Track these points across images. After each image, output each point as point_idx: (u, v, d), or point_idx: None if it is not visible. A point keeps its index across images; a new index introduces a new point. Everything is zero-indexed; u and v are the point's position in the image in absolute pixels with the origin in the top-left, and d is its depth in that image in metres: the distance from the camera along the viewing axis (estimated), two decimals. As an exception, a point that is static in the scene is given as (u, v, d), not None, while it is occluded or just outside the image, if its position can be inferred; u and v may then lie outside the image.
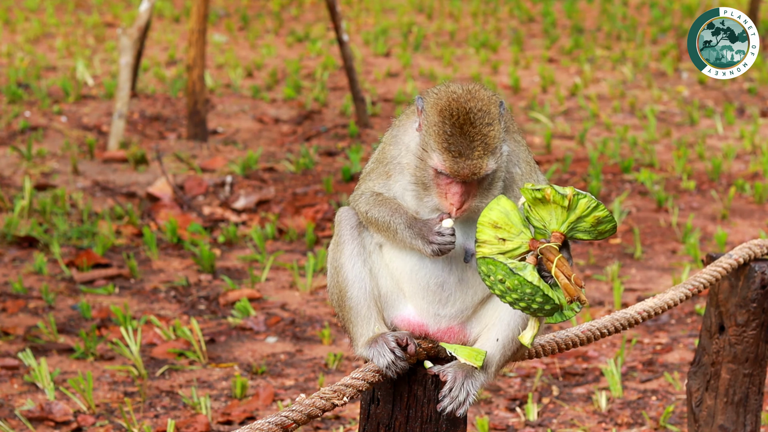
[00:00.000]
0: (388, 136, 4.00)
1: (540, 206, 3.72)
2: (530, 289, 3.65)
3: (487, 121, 3.76)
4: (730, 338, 5.20)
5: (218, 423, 6.80)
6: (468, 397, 3.84)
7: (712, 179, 11.38)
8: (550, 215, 3.72)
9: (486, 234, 3.72)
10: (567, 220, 3.72)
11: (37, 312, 8.27)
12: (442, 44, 17.57)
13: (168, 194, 10.62)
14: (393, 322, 3.99)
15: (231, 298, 8.54)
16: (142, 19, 12.55)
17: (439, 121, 3.76)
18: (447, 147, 3.74)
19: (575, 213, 3.71)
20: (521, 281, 3.65)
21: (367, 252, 3.97)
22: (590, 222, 3.72)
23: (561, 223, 3.72)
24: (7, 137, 12.36)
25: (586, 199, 3.69)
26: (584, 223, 3.73)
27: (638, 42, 17.81)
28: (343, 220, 4.01)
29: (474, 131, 3.74)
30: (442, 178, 3.78)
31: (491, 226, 3.72)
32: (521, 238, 3.73)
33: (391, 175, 3.94)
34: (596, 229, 3.73)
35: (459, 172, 3.74)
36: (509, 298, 3.69)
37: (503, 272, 3.66)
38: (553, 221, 3.72)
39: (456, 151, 3.73)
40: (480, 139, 3.74)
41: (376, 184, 3.96)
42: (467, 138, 3.74)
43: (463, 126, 3.74)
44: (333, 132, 12.92)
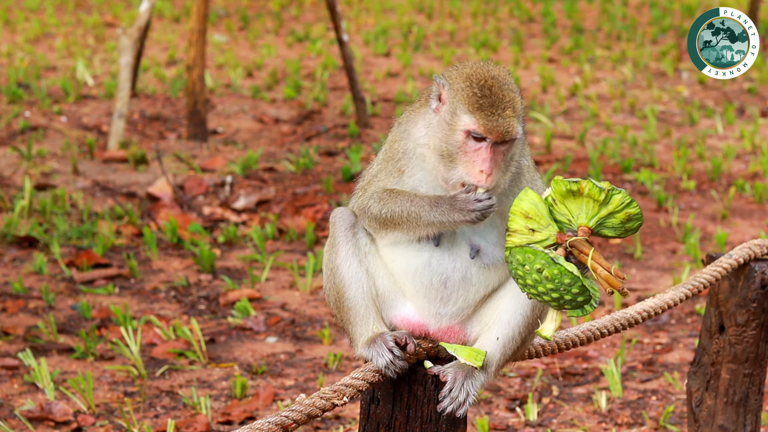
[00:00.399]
0: (396, 133, 3.98)
1: (570, 199, 3.70)
2: (569, 279, 3.64)
3: (511, 88, 3.82)
4: (730, 338, 5.20)
5: (218, 423, 6.81)
6: (468, 397, 3.84)
7: (712, 179, 11.38)
8: (579, 209, 3.70)
9: (517, 223, 3.71)
10: (597, 215, 3.69)
11: (37, 312, 8.27)
12: (442, 44, 17.57)
13: (168, 194, 10.62)
14: (392, 322, 3.98)
15: (231, 298, 8.54)
16: (142, 19, 12.55)
17: (467, 86, 3.80)
18: (479, 106, 3.76)
19: (607, 208, 3.69)
20: (562, 271, 3.63)
21: (363, 252, 3.96)
22: (620, 218, 3.70)
23: (591, 218, 3.70)
24: (7, 137, 12.36)
25: (620, 195, 3.68)
26: (614, 219, 3.71)
27: (638, 42, 17.81)
28: (337, 221, 4.00)
29: (502, 93, 3.79)
30: (471, 144, 3.77)
31: (522, 215, 3.70)
32: (549, 230, 3.71)
33: (404, 170, 3.92)
34: (624, 225, 3.72)
35: (493, 129, 3.74)
36: (541, 288, 3.66)
37: (543, 261, 3.63)
38: (582, 215, 3.70)
39: (488, 110, 3.76)
40: (508, 101, 3.78)
41: (387, 183, 3.93)
42: (497, 98, 3.78)
43: (492, 88, 3.79)
44: (333, 132, 12.92)
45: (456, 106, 3.80)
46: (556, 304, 3.70)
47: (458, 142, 3.79)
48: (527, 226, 3.70)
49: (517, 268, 3.68)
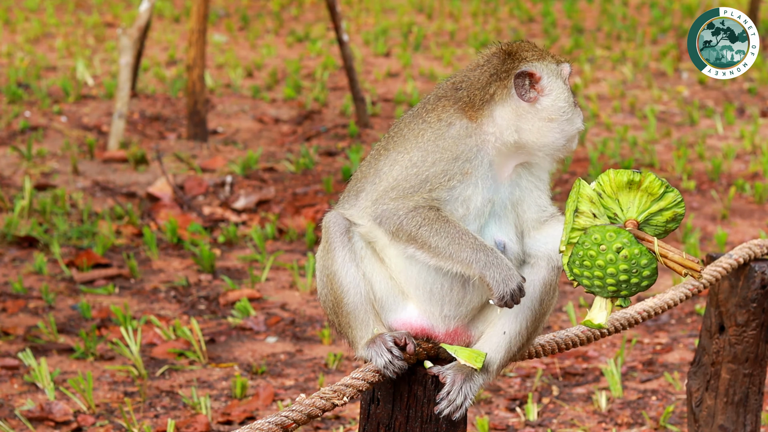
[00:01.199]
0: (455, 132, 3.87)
1: (624, 191, 3.70)
2: (646, 260, 3.62)
3: None
4: (730, 338, 5.20)
5: (218, 423, 6.80)
6: (465, 400, 3.83)
7: (712, 179, 11.38)
8: (630, 202, 3.70)
9: (585, 205, 3.71)
10: (648, 210, 3.70)
11: (37, 312, 8.27)
12: (442, 44, 17.57)
13: (168, 194, 10.62)
14: (392, 326, 3.95)
15: (231, 298, 8.54)
16: (142, 19, 12.55)
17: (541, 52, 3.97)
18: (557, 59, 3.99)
19: (659, 204, 3.69)
20: (642, 251, 3.61)
21: (359, 257, 3.92)
22: (667, 217, 3.70)
23: (641, 212, 3.70)
24: (7, 137, 12.36)
25: (673, 193, 3.69)
26: (660, 217, 3.71)
27: (638, 42, 17.81)
28: (331, 226, 3.94)
29: None
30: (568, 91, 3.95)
31: (588, 200, 3.71)
32: (603, 219, 3.71)
33: (470, 173, 3.85)
34: (666, 225, 3.72)
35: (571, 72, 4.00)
36: (611, 269, 3.62)
37: (626, 240, 3.62)
38: (633, 209, 3.70)
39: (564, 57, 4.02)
40: None
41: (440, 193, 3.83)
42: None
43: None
44: (333, 132, 12.92)
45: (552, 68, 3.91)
46: (614, 289, 3.66)
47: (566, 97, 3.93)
48: (592, 211, 3.71)
49: (589, 248, 3.63)
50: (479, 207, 3.85)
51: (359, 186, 4.02)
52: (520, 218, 3.93)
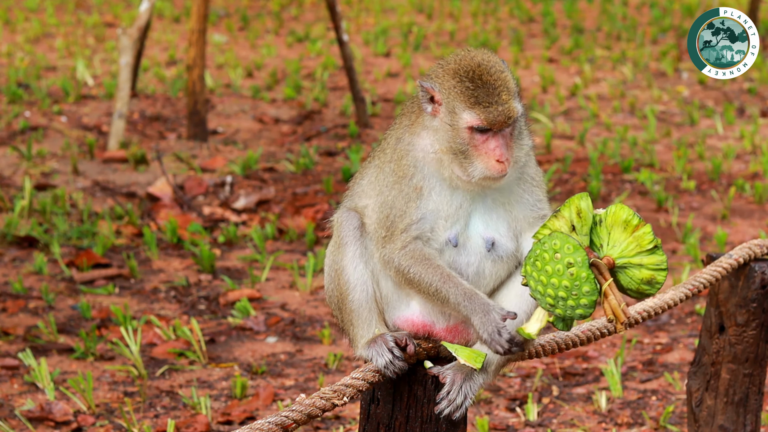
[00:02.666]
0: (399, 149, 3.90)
1: (619, 229, 3.67)
2: (588, 289, 3.59)
3: (500, 69, 3.81)
4: (730, 338, 5.20)
5: (218, 423, 6.80)
6: (465, 400, 3.83)
7: (712, 179, 11.38)
8: (619, 242, 3.66)
9: (568, 213, 3.67)
10: (629, 258, 3.66)
11: (37, 312, 8.27)
12: (442, 44, 17.57)
13: (168, 194, 10.62)
14: (395, 323, 3.97)
15: (231, 298, 8.54)
16: (142, 19, 12.55)
17: (457, 82, 3.78)
18: (475, 100, 3.75)
19: (642, 258, 3.66)
20: (589, 278, 3.57)
21: (369, 253, 3.95)
22: (644, 276, 3.66)
23: (621, 256, 3.66)
24: (7, 137, 12.36)
25: (659, 257, 3.64)
26: (638, 273, 3.67)
27: (638, 42, 17.81)
28: (344, 222, 3.97)
29: (493, 78, 3.78)
30: (478, 137, 3.76)
31: (576, 211, 3.67)
32: (584, 240, 3.68)
33: (422, 187, 3.86)
34: (640, 284, 3.68)
35: (495, 119, 3.74)
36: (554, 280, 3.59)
37: (579, 259, 3.58)
38: (617, 249, 3.66)
39: (485, 101, 3.75)
40: (501, 84, 3.77)
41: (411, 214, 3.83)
42: (489, 86, 3.77)
43: (482, 76, 3.78)
44: (333, 132, 12.92)
45: (453, 105, 3.79)
46: (551, 302, 3.62)
47: (465, 139, 3.78)
48: (572, 222, 3.68)
49: (546, 250, 3.60)
50: (452, 214, 3.85)
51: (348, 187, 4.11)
52: (511, 216, 3.92)
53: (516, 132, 3.84)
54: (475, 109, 3.76)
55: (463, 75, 3.79)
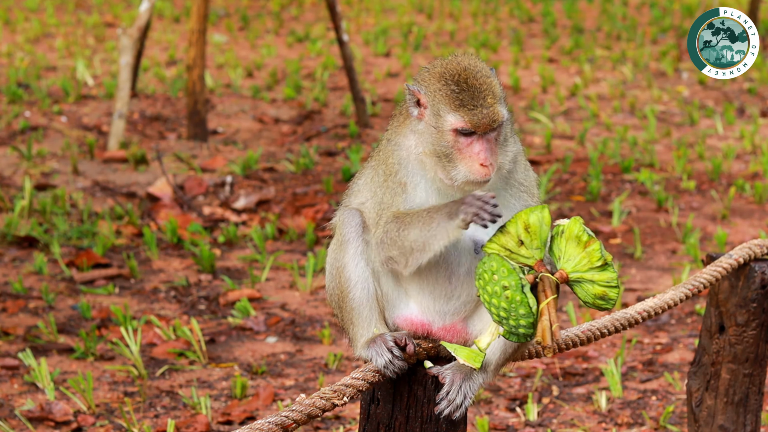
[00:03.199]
0: (387, 149, 3.96)
1: (573, 243, 3.69)
2: (524, 311, 3.63)
3: (485, 74, 3.83)
4: (730, 338, 5.20)
5: (218, 423, 6.81)
6: (465, 400, 3.83)
7: (712, 179, 11.38)
8: (573, 256, 3.69)
9: (514, 228, 3.69)
10: (581, 273, 3.69)
11: (37, 312, 8.27)
12: (442, 44, 17.57)
13: (168, 194, 10.62)
14: (395, 322, 3.98)
15: (231, 298, 8.54)
16: (142, 19, 12.55)
17: (442, 85, 3.81)
18: (460, 103, 3.77)
19: (593, 275, 3.69)
20: (523, 301, 3.62)
21: (370, 251, 3.96)
22: (597, 292, 3.69)
23: (575, 270, 3.69)
24: (7, 137, 12.36)
25: (610, 274, 3.67)
26: (592, 288, 3.69)
27: (638, 42, 17.81)
28: (345, 220, 3.99)
29: (478, 82, 3.80)
30: (462, 140, 3.78)
31: (523, 225, 3.69)
32: (535, 253, 3.70)
33: (406, 182, 3.90)
34: (595, 299, 3.71)
35: (479, 122, 3.76)
36: (495, 300, 3.65)
37: (513, 282, 3.63)
38: (571, 263, 3.69)
39: (470, 104, 3.77)
40: (486, 88, 3.79)
41: (395, 203, 3.89)
42: (475, 89, 3.79)
43: (467, 80, 3.80)
44: (333, 132, 12.92)
45: (438, 108, 3.81)
46: (497, 319, 3.68)
47: (450, 142, 3.80)
48: (519, 237, 3.70)
49: (485, 270, 3.66)
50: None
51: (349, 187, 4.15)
52: (504, 219, 3.92)
53: (501, 138, 3.85)
54: (459, 112, 3.78)
55: (449, 78, 3.82)
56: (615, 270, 3.68)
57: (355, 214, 3.99)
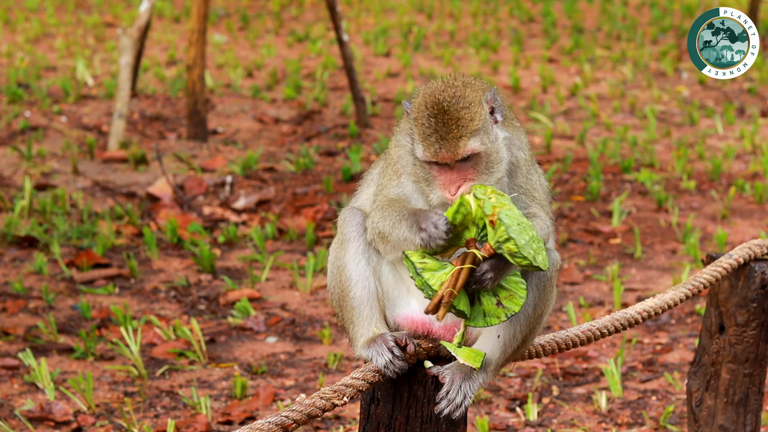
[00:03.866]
0: (393, 140, 4.07)
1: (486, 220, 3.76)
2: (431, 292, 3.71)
3: (463, 105, 3.85)
4: (730, 338, 5.20)
5: (218, 423, 6.81)
6: (465, 399, 3.84)
7: (712, 179, 11.38)
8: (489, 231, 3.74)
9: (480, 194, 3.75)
10: (495, 238, 3.71)
11: (37, 312, 8.27)
12: (442, 44, 17.57)
13: (168, 194, 10.62)
14: (396, 321, 3.99)
15: (231, 298, 8.54)
16: (142, 19, 12.55)
17: (419, 115, 3.88)
18: (425, 135, 3.85)
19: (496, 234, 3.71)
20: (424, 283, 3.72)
21: (372, 250, 3.99)
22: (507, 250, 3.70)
23: (492, 240, 3.72)
24: (7, 137, 12.37)
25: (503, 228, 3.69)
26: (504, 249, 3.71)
27: (638, 42, 17.81)
28: (347, 219, 4.02)
29: (447, 116, 3.84)
30: (434, 168, 3.86)
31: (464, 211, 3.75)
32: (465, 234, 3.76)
33: (401, 173, 3.98)
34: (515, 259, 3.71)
35: (438, 154, 3.82)
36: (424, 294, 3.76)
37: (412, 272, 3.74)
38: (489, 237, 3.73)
39: (433, 137, 3.83)
40: (455, 122, 3.83)
41: (390, 188, 3.98)
42: (442, 123, 3.84)
43: (438, 115, 3.85)
44: (333, 132, 12.92)
45: (413, 134, 3.91)
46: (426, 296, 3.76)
47: (424, 167, 3.89)
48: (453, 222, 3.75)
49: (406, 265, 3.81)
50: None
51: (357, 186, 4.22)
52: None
53: (482, 163, 3.87)
54: (424, 143, 3.85)
55: (423, 109, 3.88)
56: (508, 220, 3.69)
57: (356, 213, 4.02)
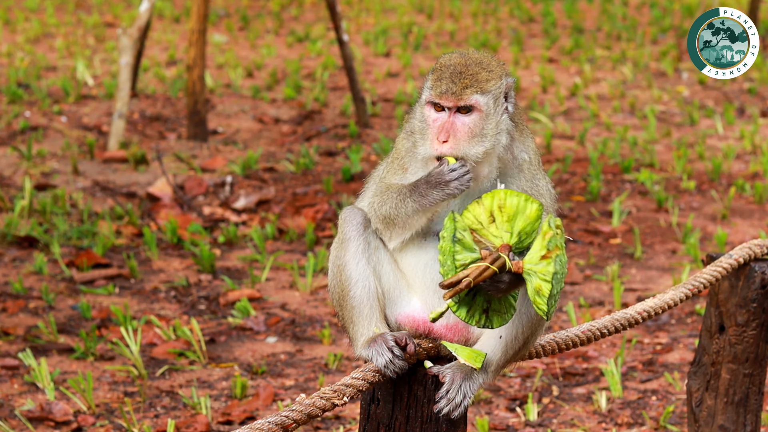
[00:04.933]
0: (400, 136, 4.07)
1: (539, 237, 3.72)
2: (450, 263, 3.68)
3: (483, 68, 3.95)
4: (730, 338, 5.20)
5: (218, 423, 6.81)
6: (464, 399, 3.84)
7: (712, 179, 11.38)
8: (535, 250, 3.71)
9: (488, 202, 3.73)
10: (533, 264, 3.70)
11: (37, 312, 8.27)
12: (442, 44, 17.57)
13: (168, 194, 10.62)
14: (396, 320, 3.99)
15: (231, 298, 8.54)
16: (142, 19, 12.55)
17: (439, 66, 3.96)
18: (437, 78, 3.92)
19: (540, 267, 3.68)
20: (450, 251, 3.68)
21: (372, 248, 3.98)
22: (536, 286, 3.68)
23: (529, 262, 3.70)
24: (7, 137, 12.37)
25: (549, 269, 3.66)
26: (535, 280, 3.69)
27: (638, 42, 17.81)
28: (348, 219, 4.02)
29: (465, 69, 3.92)
30: (432, 115, 3.90)
31: (498, 203, 3.72)
32: (505, 236, 3.72)
33: (407, 167, 3.98)
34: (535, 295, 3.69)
35: (443, 93, 3.88)
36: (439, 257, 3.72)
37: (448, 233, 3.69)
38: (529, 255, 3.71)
39: (444, 81, 3.90)
40: (470, 74, 3.91)
41: (393, 178, 3.99)
42: (457, 72, 3.92)
43: (457, 66, 3.94)
44: (333, 132, 12.92)
45: (424, 86, 3.96)
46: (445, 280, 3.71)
47: (423, 115, 3.92)
48: (492, 213, 3.72)
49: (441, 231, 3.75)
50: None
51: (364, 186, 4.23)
52: None
53: (477, 128, 3.88)
54: (434, 84, 3.92)
55: (450, 60, 3.97)
56: (556, 267, 3.67)
57: (356, 212, 4.02)
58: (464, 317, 3.73)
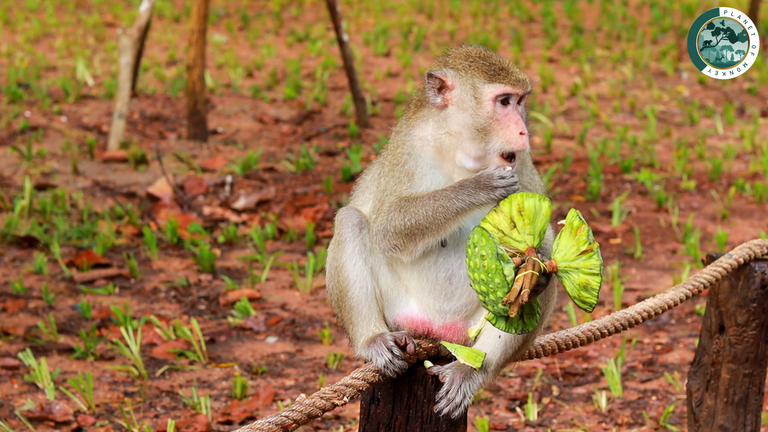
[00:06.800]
0: (396, 141, 4.00)
1: (566, 232, 3.71)
2: (499, 280, 3.64)
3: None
4: (730, 338, 5.20)
5: (218, 423, 6.81)
6: (464, 399, 3.84)
7: (712, 179, 11.38)
8: (565, 247, 3.70)
9: (506, 209, 3.71)
10: (569, 262, 3.69)
11: (37, 312, 8.27)
12: (442, 44, 17.56)
13: (168, 194, 10.62)
14: (395, 321, 3.99)
15: (231, 298, 8.54)
16: (142, 19, 12.55)
17: (471, 63, 3.93)
18: (494, 72, 3.89)
19: (579, 262, 3.69)
20: (497, 269, 3.63)
21: (368, 250, 3.97)
22: (581, 281, 3.69)
23: (564, 260, 3.70)
24: (7, 137, 12.37)
25: (594, 261, 3.67)
26: (577, 278, 3.69)
27: (638, 42, 17.81)
28: (343, 219, 4.01)
29: (501, 57, 3.95)
30: (500, 110, 3.87)
31: (518, 208, 3.71)
32: (528, 239, 3.71)
33: (414, 172, 3.93)
34: (580, 291, 3.70)
35: (518, 83, 3.88)
36: (477, 275, 3.67)
37: (489, 251, 3.64)
38: (561, 253, 3.71)
39: (504, 71, 3.90)
40: (509, 62, 3.95)
41: (400, 191, 3.91)
42: (502, 61, 3.93)
43: (492, 55, 3.95)
44: (333, 132, 12.92)
45: (473, 82, 3.90)
46: (482, 298, 3.69)
47: (488, 113, 3.87)
48: (512, 218, 3.71)
49: (469, 245, 3.68)
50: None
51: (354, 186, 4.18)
52: None
53: (525, 116, 3.94)
54: (496, 80, 3.88)
55: (475, 56, 3.94)
56: (599, 259, 3.68)
57: (353, 213, 4.01)
58: (504, 327, 3.73)
